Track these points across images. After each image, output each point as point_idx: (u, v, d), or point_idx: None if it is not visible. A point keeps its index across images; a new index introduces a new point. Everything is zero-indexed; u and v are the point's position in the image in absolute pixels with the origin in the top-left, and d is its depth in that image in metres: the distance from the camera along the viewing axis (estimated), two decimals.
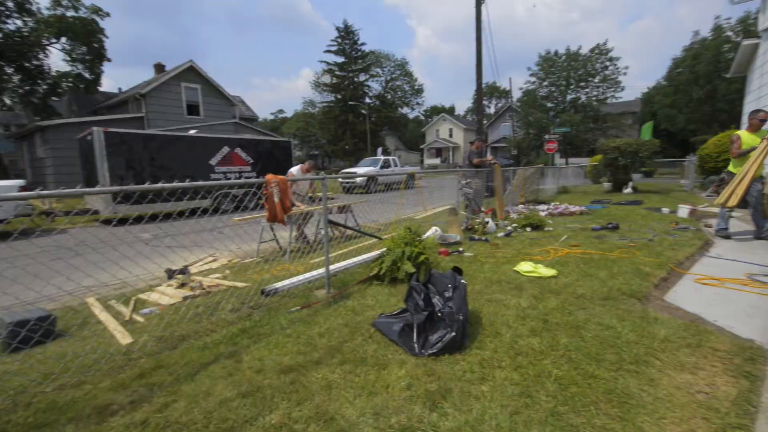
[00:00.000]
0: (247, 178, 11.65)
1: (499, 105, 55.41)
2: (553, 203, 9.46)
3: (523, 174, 10.44)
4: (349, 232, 5.80)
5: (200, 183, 2.55)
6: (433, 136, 51.65)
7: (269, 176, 2.94)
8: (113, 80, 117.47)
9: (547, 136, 22.80)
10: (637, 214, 7.60)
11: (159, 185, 2.39)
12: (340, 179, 14.90)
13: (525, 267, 4.02)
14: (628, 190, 12.69)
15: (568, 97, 33.79)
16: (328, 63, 41.54)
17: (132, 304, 3.58)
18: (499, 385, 2.00)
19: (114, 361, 2.48)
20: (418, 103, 58.13)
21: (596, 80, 32.44)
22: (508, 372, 2.13)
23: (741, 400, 1.88)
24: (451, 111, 65.99)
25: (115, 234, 6.45)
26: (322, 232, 3.70)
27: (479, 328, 2.67)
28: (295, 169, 6.51)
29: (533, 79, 34.74)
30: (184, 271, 4.45)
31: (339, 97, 41.70)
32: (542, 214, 7.77)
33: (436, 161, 48.90)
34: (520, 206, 9.03)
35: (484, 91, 55.62)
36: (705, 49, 28.56)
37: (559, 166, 18.13)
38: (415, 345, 2.38)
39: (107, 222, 8.44)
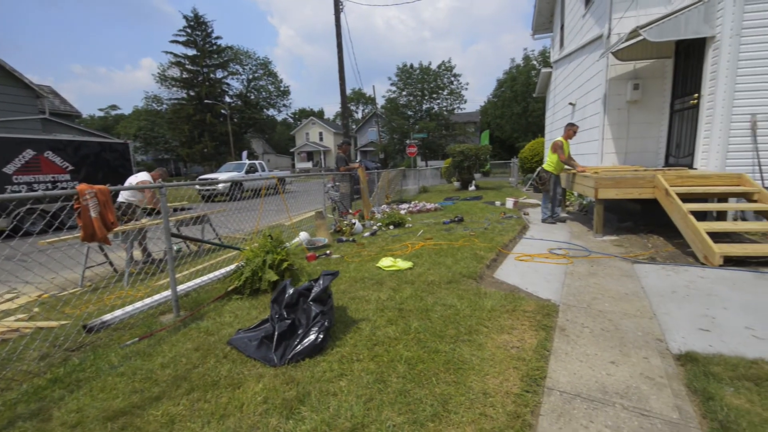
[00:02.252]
0: (66, 188, 9.35)
1: (366, 111, 58.14)
2: (413, 202, 10.43)
3: (387, 176, 11.22)
4: (206, 245, 5.24)
5: None
6: (304, 140, 50.97)
7: (82, 186, 2.40)
8: None
9: (408, 141, 25.15)
10: (478, 208, 9.00)
11: None
12: (197, 186, 13.30)
13: (386, 262, 4.31)
14: (473, 187, 14.93)
15: (424, 107, 38.04)
16: (175, 55, 36.52)
17: None
18: (356, 378, 2.09)
19: None
20: (285, 105, 56.19)
21: (445, 93, 37.48)
22: (366, 363, 2.24)
23: (540, 348, 2.39)
24: (320, 115, 66.32)
25: None
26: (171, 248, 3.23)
27: (341, 326, 2.74)
28: (145, 176, 5.54)
29: (394, 88, 37.90)
30: None
31: (192, 94, 37.11)
32: (403, 212, 8.49)
33: (308, 165, 48.42)
34: (384, 206, 9.67)
35: (351, 97, 57.61)
36: (519, 74, 35.97)
37: (419, 169, 20.14)
38: (274, 356, 2.29)
39: None
